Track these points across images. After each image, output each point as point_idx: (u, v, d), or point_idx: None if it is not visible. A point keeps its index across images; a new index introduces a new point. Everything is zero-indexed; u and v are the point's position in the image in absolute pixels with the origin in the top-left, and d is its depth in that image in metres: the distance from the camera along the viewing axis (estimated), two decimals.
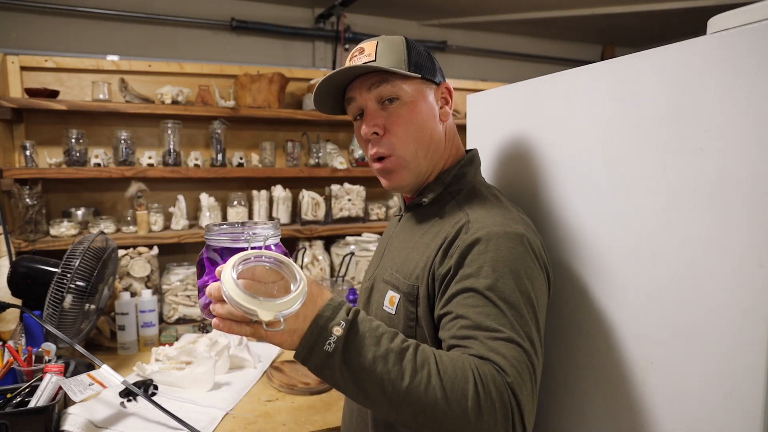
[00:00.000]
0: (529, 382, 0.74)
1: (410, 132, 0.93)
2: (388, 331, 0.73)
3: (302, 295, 0.66)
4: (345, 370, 0.69)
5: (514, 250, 0.83)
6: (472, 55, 4.04)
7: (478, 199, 0.94)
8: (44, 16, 2.86)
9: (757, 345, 0.71)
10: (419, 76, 0.93)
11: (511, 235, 0.84)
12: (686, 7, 3.36)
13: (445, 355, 0.73)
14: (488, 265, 0.81)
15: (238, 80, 2.27)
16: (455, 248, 0.85)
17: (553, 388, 1.07)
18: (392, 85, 0.91)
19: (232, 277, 0.64)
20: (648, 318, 0.86)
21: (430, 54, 0.99)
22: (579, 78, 0.98)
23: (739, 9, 0.75)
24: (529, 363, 0.74)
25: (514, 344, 0.74)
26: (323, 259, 2.30)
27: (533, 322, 0.80)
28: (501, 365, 0.72)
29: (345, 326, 0.69)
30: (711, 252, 0.76)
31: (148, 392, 1.38)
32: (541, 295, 0.84)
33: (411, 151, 0.94)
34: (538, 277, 0.84)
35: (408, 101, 0.92)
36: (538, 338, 0.80)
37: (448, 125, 1.01)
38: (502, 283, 0.79)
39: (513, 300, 0.78)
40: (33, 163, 1.98)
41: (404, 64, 0.92)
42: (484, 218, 0.87)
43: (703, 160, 0.76)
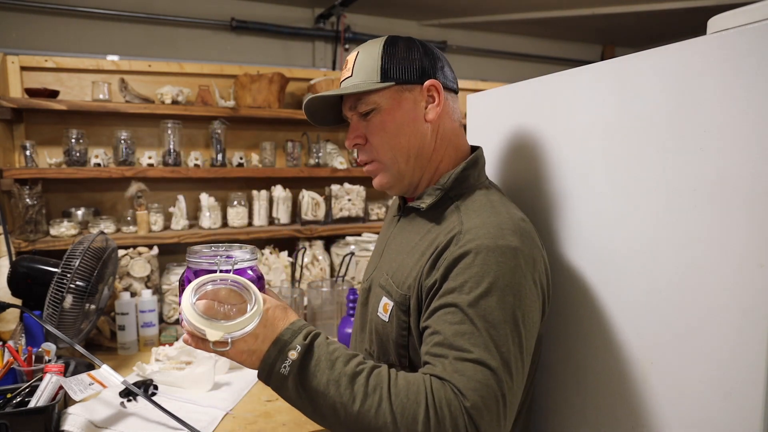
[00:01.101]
0: (495, 405, 0.73)
1: (386, 139, 0.94)
2: (344, 354, 0.76)
3: (254, 319, 0.70)
4: (302, 393, 0.73)
5: (504, 265, 0.80)
6: (472, 55, 4.04)
7: (478, 204, 0.91)
8: (44, 16, 2.86)
9: (757, 345, 0.71)
10: (391, 84, 0.92)
11: (502, 249, 0.81)
12: (686, 7, 3.36)
13: (402, 378, 0.75)
14: (473, 281, 0.80)
15: (238, 80, 2.27)
16: (443, 260, 0.84)
17: (554, 388, 1.07)
18: (365, 102, 0.94)
19: (188, 298, 0.70)
20: (648, 318, 0.86)
21: (419, 49, 0.95)
22: (579, 78, 0.98)
23: (739, 9, 0.75)
24: (497, 386, 0.73)
25: (483, 366, 0.74)
26: (323, 259, 2.30)
27: (514, 341, 0.77)
28: (461, 389, 0.72)
29: (300, 350, 0.73)
30: (711, 252, 0.76)
31: (148, 392, 1.38)
32: (530, 312, 0.81)
33: (390, 157, 0.95)
34: (528, 293, 0.81)
35: (383, 109, 0.94)
36: (519, 358, 0.77)
37: (440, 125, 0.96)
38: (485, 300, 0.78)
39: (493, 318, 0.77)
40: (33, 163, 1.98)
41: (376, 74, 0.92)
42: (477, 228, 0.85)
43: (703, 160, 0.76)
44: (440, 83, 0.94)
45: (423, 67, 0.94)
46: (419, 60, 0.94)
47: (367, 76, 0.93)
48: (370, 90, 0.92)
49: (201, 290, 0.72)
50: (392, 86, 0.93)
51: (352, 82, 0.95)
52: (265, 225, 2.27)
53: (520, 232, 0.85)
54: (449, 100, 0.98)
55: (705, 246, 0.77)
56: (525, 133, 1.13)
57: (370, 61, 0.93)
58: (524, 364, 0.79)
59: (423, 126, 0.95)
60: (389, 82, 0.92)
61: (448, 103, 0.97)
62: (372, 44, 0.96)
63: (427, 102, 0.95)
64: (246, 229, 2.20)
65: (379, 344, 0.96)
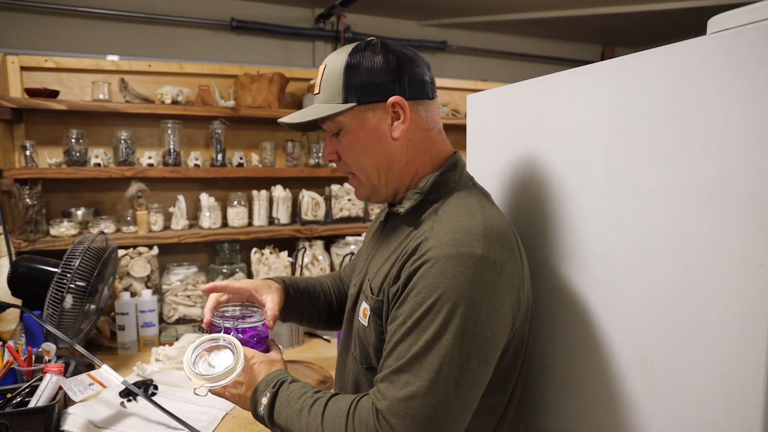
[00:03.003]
0: (421, 423, 0.75)
1: (354, 159, 0.95)
2: (300, 393, 0.87)
3: (228, 376, 0.87)
4: (276, 427, 0.88)
5: (462, 274, 0.79)
6: (472, 55, 4.04)
7: (454, 207, 0.89)
8: (44, 16, 2.86)
9: (757, 345, 0.71)
10: (353, 105, 0.90)
11: (462, 258, 0.79)
12: (686, 7, 3.36)
13: (335, 404, 0.84)
14: (425, 291, 0.80)
15: (238, 80, 2.27)
16: (406, 268, 0.85)
17: (553, 389, 1.07)
18: (331, 121, 0.94)
19: (188, 350, 0.90)
20: (648, 318, 0.86)
21: (390, 61, 0.91)
22: (579, 78, 0.98)
23: (739, 9, 0.75)
24: (425, 403, 0.76)
25: (410, 386, 0.77)
26: (323, 259, 2.30)
27: (460, 355, 0.77)
28: (381, 409, 0.78)
29: (269, 396, 0.88)
30: (711, 252, 0.76)
31: (148, 392, 1.38)
32: (488, 321, 0.79)
33: (362, 174, 0.96)
34: (487, 302, 0.79)
35: (349, 130, 0.93)
36: (461, 371, 0.77)
37: (410, 138, 0.94)
38: (434, 311, 0.78)
39: (436, 331, 0.78)
40: (33, 163, 1.98)
41: (339, 94, 0.91)
42: (441, 235, 0.83)
43: (703, 160, 0.76)
44: (404, 99, 0.91)
45: (386, 83, 0.90)
46: (382, 75, 0.90)
47: (331, 95, 0.92)
48: (330, 115, 0.91)
49: (200, 347, 0.91)
50: (355, 107, 0.91)
51: (319, 100, 0.95)
52: (265, 225, 2.27)
53: (490, 238, 0.83)
54: (420, 109, 0.94)
55: (705, 246, 0.77)
56: (525, 132, 1.13)
57: (334, 79, 0.92)
58: (468, 375, 0.78)
59: (390, 144, 0.93)
60: (351, 102, 0.90)
61: (418, 113, 0.94)
62: (337, 57, 0.93)
63: (393, 119, 0.92)
64: (246, 229, 2.20)
65: (361, 348, 0.98)
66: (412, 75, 0.92)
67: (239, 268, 2.20)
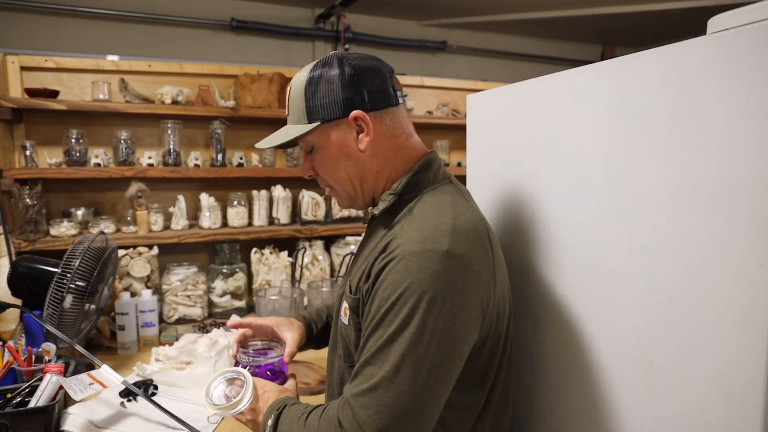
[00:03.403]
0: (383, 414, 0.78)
1: (329, 174, 0.99)
2: (301, 412, 0.90)
3: (237, 407, 0.95)
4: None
5: (426, 269, 0.80)
6: (472, 55, 4.04)
7: (428, 205, 0.91)
8: (44, 16, 2.87)
9: (757, 345, 0.71)
10: (318, 124, 0.94)
11: (427, 253, 0.81)
12: (686, 7, 3.36)
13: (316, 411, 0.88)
14: (391, 287, 0.82)
15: (238, 80, 2.27)
16: (376, 266, 0.88)
17: (552, 389, 1.07)
18: (302, 141, 0.99)
19: (209, 381, 1.01)
20: (648, 318, 0.86)
21: (340, 81, 0.92)
22: (579, 78, 0.98)
23: (739, 9, 0.75)
24: (387, 394, 0.78)
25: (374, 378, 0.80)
26: (323, 259, 2.30)
27: (421, 348, 0.79)
28: (348, 399, 0.82)
29: (273, 419, 0.93)
30: (711, 252, 0.76)
31: (148, 392, 1.38)
32: (453, 316, 0.80)
33: (339, 187, 1.01)
34: (451, 297, 0.80)
35: (319, 148, 0.97)
36: (422, 364, 0.79)
37: (377, 148, 0.96)
38: (398, 306, 0.80)
39: (399, 325, 0.80)
40: (33, 163, 1.98)
41: (304, 115, 0.95)
42: (410, 233, 0.86)
43: (703, 160, 0.76)
44: (364, 113, 0.92)
45: (345, 99, 0.93)
46: (340, 91, 0.92)
47: (298, 117, 0.97)
48: (296, 138, 0.96)
49: (219, 378, 1.01)
50: (319, 125, 0.94)
51: (290, 122, 0.99)
52: (265, 225, 2.27)
53: (458, 234, 0.84)
54: (385, 118, 0.95)
55: (705, 246, 0.77)
56: (525, 132, 1.13)
57: (298, 100, 0.96)
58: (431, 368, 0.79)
59: (359, 156, 0.96)
60: (315, 122, 0.94)
61: (383, 123, 0.95)
62: (299, 77, 0.96)
63: (357, 132, 0.94)
64: (246, 229, 2.20)
65: (344, 347, 1.00)
66: (371, 87, 0.94)
67: (239, 268, 2.20)
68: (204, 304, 2.09)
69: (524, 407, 1.16)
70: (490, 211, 1.25)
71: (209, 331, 1.84)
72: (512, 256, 1.17)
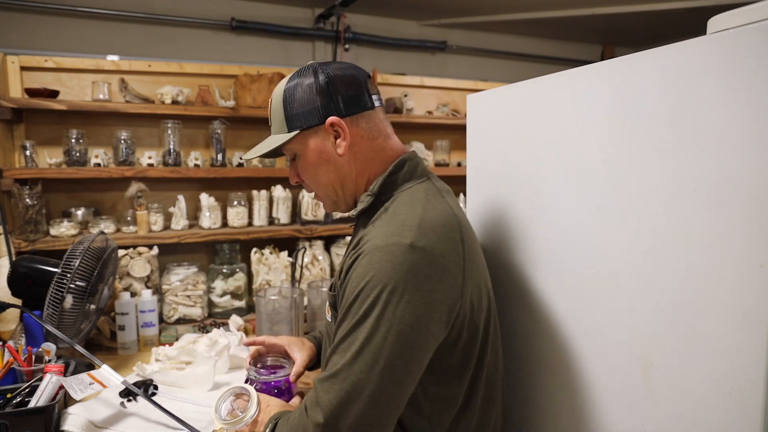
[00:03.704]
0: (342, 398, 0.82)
1: (310, 179, 1.04)
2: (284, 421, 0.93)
3: (242, 422, 0.99)
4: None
5: (388, 263, 0.83)
6: (472, 55, 4.04)
7: (400, 202, 0.94)
8: (44, 16, 2.86)
9: (757, 345, 0.71)
10: (297, 132, 0.99)
11: (390, 247, 0.84)
12: (686, 7, 3.36)
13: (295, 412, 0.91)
14: (355, 281, 0.86)
15: (238, 80, 2.27)
16: (346, 263, 0.93)
17: (552, 389, 1.07)
18: (285, 149, 1.03)
19: (219, 395, 1.06)
20: (648, 318, 0.86)
21: (312, 90, 0.97)
22: (579, 78, 0.98)
23: (739, 9, 0.75)
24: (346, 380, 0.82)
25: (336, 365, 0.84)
26: (323, 259, 2.30)
27: (379, 337, 0.81)
28: (315, 384, 0.87)
29: (270, 427, 0.95)
30: (711, 252, 0.76)
31: (148, 392, 1.38)
32: (414, 308, 0.82)
33: (323, 192, 1.05)
34: (412, 288, 0.82)
35: (301, 155, 1.02)
36: (380, 353, 0.81)
37: (355, 151, 0.99)
38: (361, 299, 0.84)
39: (360, 316, 0.84)
40: (33, 163, 1.98)
41: (284, 124, 1.00)
42: (378, 229, 0.90)
43: (703, 160, 0.76)
44: (340, 119, 0.96)
45: (322, 106, 0.97)
46: (316, 99, 0.97)
47: (279, 126, 1.01)
48: (278, 147, 1.00)
49: (227, 394, 1.06)
50: (298, 134, 0.99)
51: (272, 132, 1.04)
52: (265, 225, 2.27)
53: (424, 228, 0.86)
54: (361, 122, 0.99)
55: (705, 246, 0.77)
56: (525, 132, 1.13)
57: (278, 110, 1.01)
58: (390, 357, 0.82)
59: (338, 160, 0.99)
60: (294, 130, 0.99)
61: (359, 127, 0.99)
62: (279, 88, 1.01)
63: (335, 137, 0.98)
64: (246, 229, 2.20)
65: (330, 344, 1.02)
66: (345, 93, 0.98)
67: (239, 268, 2.20)
68: (204, 304, 2.09)
69: (524, 407, 1.16)
70: (490, 210, 1.25)
71: (209, 331, 1.84)
72: (512, 255, 1.17)
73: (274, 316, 1.79)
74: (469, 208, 1.34)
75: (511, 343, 1.18)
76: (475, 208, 1.31)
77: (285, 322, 1.78)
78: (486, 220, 1.26)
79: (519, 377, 1.17)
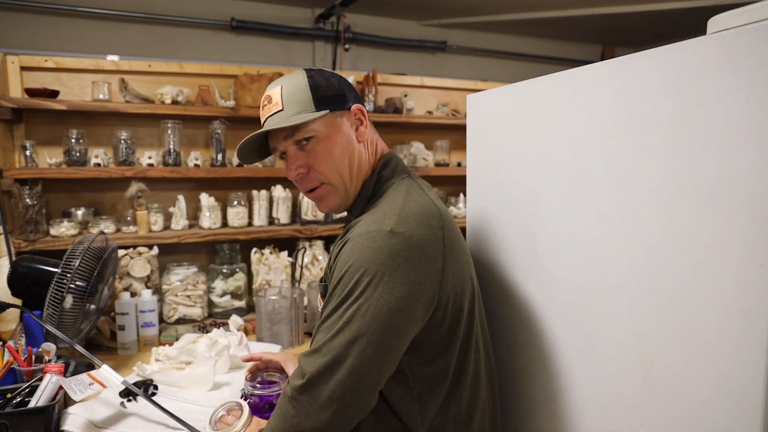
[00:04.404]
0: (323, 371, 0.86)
1: (330, 164, 1.02)
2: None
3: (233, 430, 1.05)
4: None
5: (368, 248, 0.88)
6: (472, 55, 4.04)
7: (383, 198, 1.00)
8: (44, 16, 2.86)
9: (757, 345, 0.71)
10: (327, 112, 1.00)
11: (371, 234, 0.90)
12: (686, 7, 3.36)
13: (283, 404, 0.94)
14: (339, 267, 0.91)
15: (238, 80, 2.27)
16: (334, 253, 0.99)
17: (553, 389, 1.07)
18: (303, 130, 1.00)
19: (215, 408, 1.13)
20: (648, 318, 0.86)
21: (338, 79, 1.04)
22: (579, 78, 0.98)
23: (739, 9, 0.75)
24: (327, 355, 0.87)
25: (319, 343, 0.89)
26: (323, 259, 2.30)
27: (358, 316, 0.86)
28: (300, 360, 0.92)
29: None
30: (711, 252, 0.76)
31: (148, 392, 1.38)
32: (392, 289, 0.87)
33: (337, 179, 1.04)
34: (390, 271, 0.87)
35: (323, 137, 1.01)
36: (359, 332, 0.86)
37: (368, 141, 1.07)
38: (344, 282, 0.89)
39: (342, 298, 0.89)
40: (33, 163, 1.98)
41: (310, 103, 1.00)
42: (364, 219, 0.95)
43: (703, 160, 0.76)
44: (362, 107, 1.05)
45: (345, 94, 1.04)
46: (340, 88, 1.03)
47: (302, 107, 1.00)
48: (309, 120, 0.99)
49: (223, 407, 1.13)
50: (327, 114, 1.00)
51: (287, 114, 0.99)
52: (265, 225, 2.27)
53: (404, 215, 0.92)
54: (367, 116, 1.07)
55: (705, 246, 0.77)
56: (525, 132, 1.13)
57: (300, 93, 1.00)
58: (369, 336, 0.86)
59: (356, 146, 1.05)
60: (324, 110, 1.00)
61: (368, 119, 1.07)
62: (293, 78, 1.02)
63: (356, 124, 1.05)
64: (246, 229, 2.20)
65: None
66: (353, 89, 1.07)
67: (239, 268, 2.20)
68: (204, 304, 2.09)
69: (524, 406, 1.16)
70: (490, 210, 1.25)
71: (209, 331, 1.84)
72: (512, 254, 1.17)
73: (274, 316, 1.79)
74: (470, 208, 1.34)
75: (512, 341, 1.19)
76: (475, 207, 1.31)
77: (285, 322, 1.78)
78: (486, 219, 1.26)
79: (519, 377, 1.17)
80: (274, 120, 1.00)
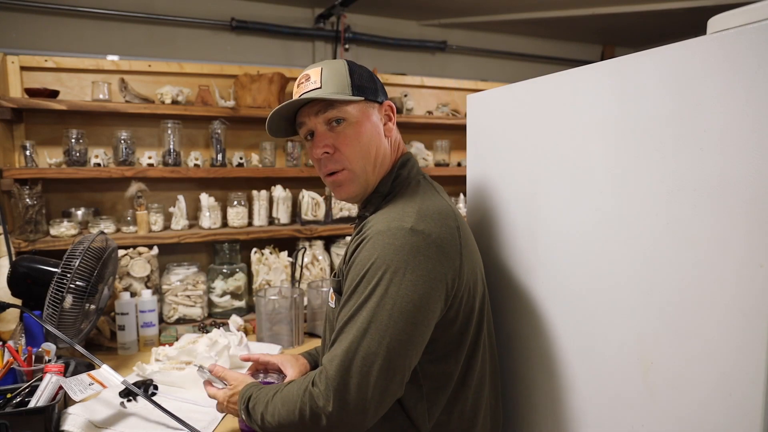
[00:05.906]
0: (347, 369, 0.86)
1: (357, 150, 1.02)
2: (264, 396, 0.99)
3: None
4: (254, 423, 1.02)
5: (390, 245, 0.89)
6: (472, 55, 4.04)
7: (399, 197, 1.01)
8: (44, 16, 2.87)
9: (757, 345, 0.71)
10: (362, 99, 1.01)
11: (392, 231, 0.90)
12: (686, 7, 3.37)
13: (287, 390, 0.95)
14: (360, 264, 0.92)
15: (238, 80, 2.27)
16: (350, 249, 0.99)
17: (553, 389, 1.07)
18: (337, 109, 1.01)
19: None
20: (648, 318, 0.86)
21: (373, 75, 1.07)
22: (579, 78, 0.98)
23: (739, 9, 0.75)
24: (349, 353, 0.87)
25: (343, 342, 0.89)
26: (323, 259, 2.30)
27: (384, 313, 0.86)
28: (323, 362, 0.91)
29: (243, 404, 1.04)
30: (711, 252, 0.76)
31: (148, 392, 1.37)
32: (414, 285, 0.88)
33: (360, 166, 1.04)
34: (412, 268, 0.88)
35: (354, 122, 1.02)
36: (386, 329, 0.86)
37: (393, 138, 1.09)
38: (366, 280, 0.89)
39: (366, 295, 0.89)
40: (33, 163, 1.98)
41: (348, 88, 1.01)
42: (380, 216, 0.96)
43: (703, 160, 0.76)
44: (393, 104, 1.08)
45: (378, 90, 1.06)
46: (375, 82, 1.06)
47: (340, 88, 1.01)
48: (347, 100, 1.00)
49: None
50: (362, 101, 1.02)
51: (324, 92, 1.00)
52: (265, 225, 2.27)
53: (422, 214, 0.93)
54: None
55: (705, 246, 0.77)
56: (525, 133, 1.13)
57: (340, 76, 1.02)
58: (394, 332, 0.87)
59: (383, 139, 1.06)
60: (360, 96, 1.01)
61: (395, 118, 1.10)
62: (333, 62, 1.05)
63: (385, 119, 1.07)
64: (246, 229, 2.20)
65: (330, 331, 1.07)
66: (384, 88, 1.10)
67: (239, 268, 2.20)
68: (204, 304, 2.09)
69: (524, 406, 1.16)
70: (490, 210, 1.25)
71: (209, 331, 1.84)
72: (512, 254, 1.17)
73: (274, 316, 1.79)
74: (470, 208, 1.34)
75: (512, 341, 1.19)
76: (475, 207, 1.31)
77: (285, 322, 1.78)
78: (486, 219, 1.26)
79: (519, 376, 1.17)
80: (310, 95, 1.01)
